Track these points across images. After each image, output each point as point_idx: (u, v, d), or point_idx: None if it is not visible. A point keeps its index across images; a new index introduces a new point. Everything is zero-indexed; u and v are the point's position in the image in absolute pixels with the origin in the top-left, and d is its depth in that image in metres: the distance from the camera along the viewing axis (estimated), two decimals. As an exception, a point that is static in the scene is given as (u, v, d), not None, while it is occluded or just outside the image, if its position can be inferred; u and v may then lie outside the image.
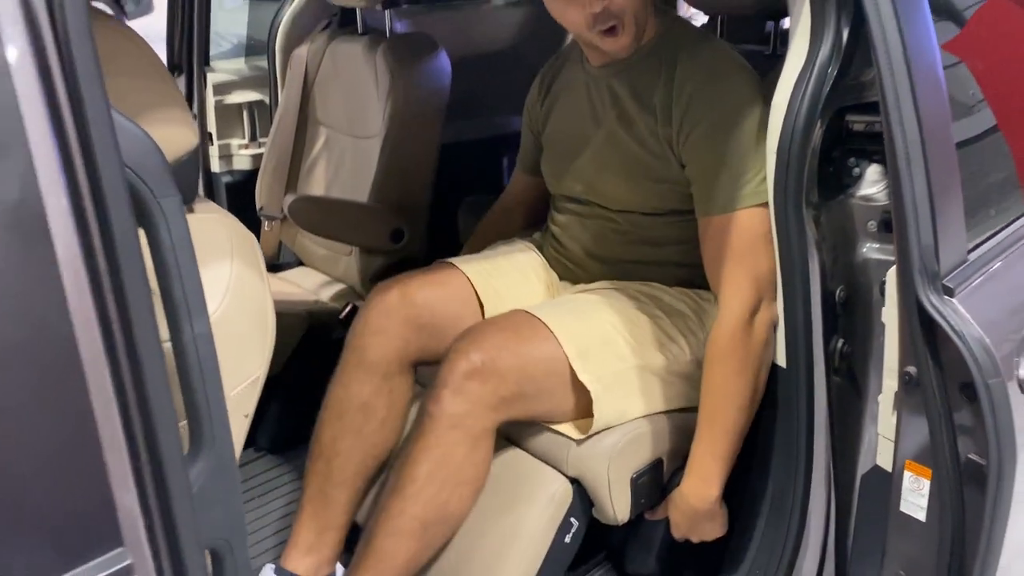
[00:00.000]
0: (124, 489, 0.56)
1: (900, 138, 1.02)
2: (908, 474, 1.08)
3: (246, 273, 0.83)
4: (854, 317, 1.26)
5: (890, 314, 1.08)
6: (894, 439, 1.10)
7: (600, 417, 1.34)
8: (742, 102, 1.31)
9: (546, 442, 1.41)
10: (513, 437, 1.45)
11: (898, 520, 1.10)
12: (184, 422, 0.72)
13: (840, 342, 1.27)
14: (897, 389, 1.08)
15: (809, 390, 1.26)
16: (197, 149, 0.87)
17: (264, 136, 2.42)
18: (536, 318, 1.37)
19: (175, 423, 0.63)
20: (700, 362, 1.38)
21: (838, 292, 1.25)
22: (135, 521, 0.57)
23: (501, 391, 1.31)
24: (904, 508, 1.09)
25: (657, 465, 1.41)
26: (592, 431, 1.36)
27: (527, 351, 1.33)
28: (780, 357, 1.29)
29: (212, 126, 2.38)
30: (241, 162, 2.44)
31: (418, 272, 1.54)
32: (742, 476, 1.40)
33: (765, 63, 1.43)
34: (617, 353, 1.38)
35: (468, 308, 1.52)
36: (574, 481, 1.39)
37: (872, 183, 1.23)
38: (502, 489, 1.39)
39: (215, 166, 2.40)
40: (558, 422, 1.40)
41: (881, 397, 1.14)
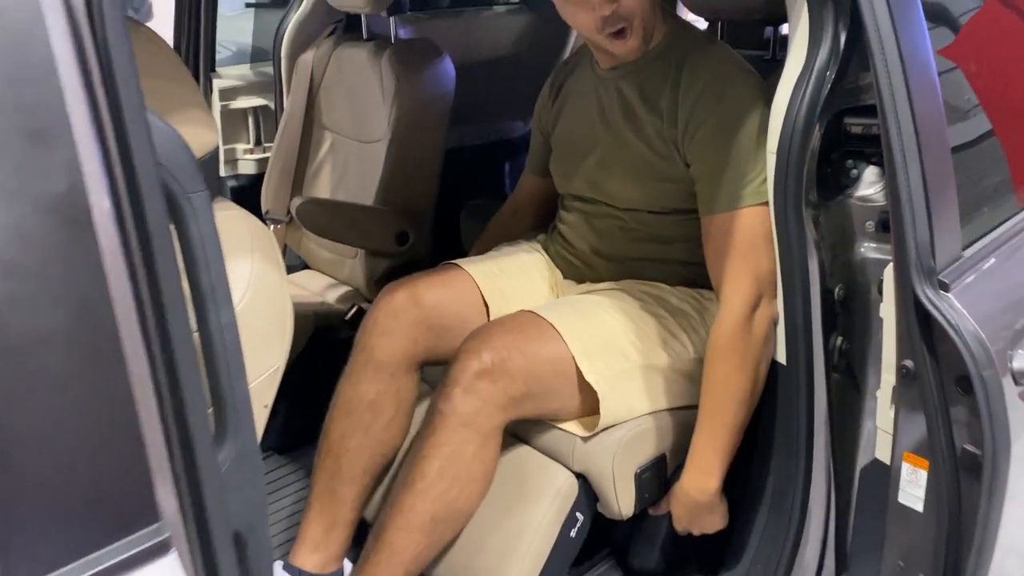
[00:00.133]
0: (161, 468, 0.59)
1: (896, 138, 1.05)
2: (906, 466, 1.11)
3: (266, 268, 0.86)
4: (853, 315, 1.29)
5: (888, 310, 1.11)
6: (892, 432, 1.13)
7: (606, 415, 1.37)
8: (745, 105, 1.34)
9: (552, 438, 1.43)
10: (520, 434, 1.48)
11: (897, 511, 1.13)
12: (209, 409, 0.74)
13: (839, 339, 1.29)
14: (895, 383, 1.11)
15: (809, 387, 1.28)
16: (217, 149, 0.90)
17: (269, 141, 2.45)
18: (543, 319, 1.40)
19: (205, 407, 0.66)
20: (702, 360, 1.41)
21: (837, 290, 1.28)
22: (171, 498, 0.60)
23: (510, 391, 1.33)
24: (902, 499, 1.12)
25: (661, 461, 1.44)
26: (598, 428, 1.38)
27: (535, 351, 1.36)
28: (780, 354, 1.32)
29: (217, 131, 2.40)
30: (246, 166, 2.46)
31: (425, 273, 1.57)
32: (743, 471, 1.43)
33: (764, 68, 1.46)
34: (622, 352, 1.41)
35: (474, 309, 1.55)
36: (579, 476, 1.41)
37: (869, 184, 1.26)
38: (509, 485, 1.41)
39: (220, 170, 2.43)
40: (564, 420, 1.42)
41: (879, 392, 1.17)
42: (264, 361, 0.86)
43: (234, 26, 2.83)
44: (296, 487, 1.84)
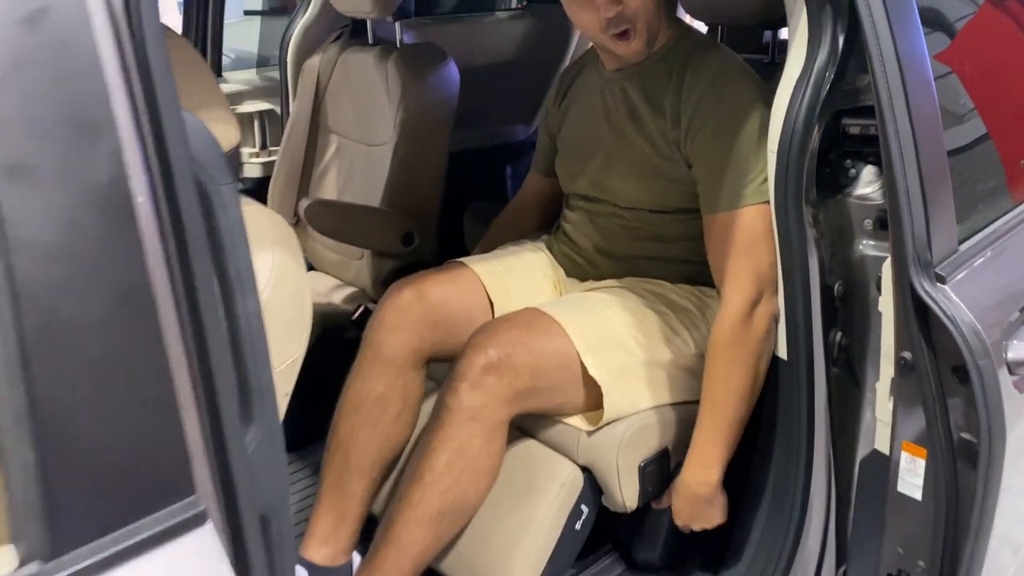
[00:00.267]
0: (196, 445, 0.62)
1: (894, 137, 1.08)
2: (905, 455, 1.14)
3: (287, 260, 0.88)
4: (852, 311, 1.32)
5: (886, 303, 1.15)
6: (891, 423, 1.16)
7: (610, 409, 1.40)
8: (746, 106, 1.37)
9: (557, 432, 1.46)
10: (525, 428, 1.50)
11: (896, 500, 1.16)
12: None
13: (839, 335, 1.32)
14: (893, 375, 1.14)
15: (810, 381, 1.31)
16: (239, 146, 0.93)
17: (274, 144, 2.48)
18: (548, 315, 1.42)
19: (234, 389, 0.69)
20: (704, 356, 1.43)
21: (836, 287, 1.31)
22: (205, 474, 0.62)
23: (516, 385, 1.36)
24: (901, 488, 1.15)
25: (664, 455, 1.46)
26: (602, 423, 1.41)
27: (540, 347, 1.38)
28: (781, 350, 1.35)
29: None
30: (252, 170, 2.49)
31: (431, 271, 1.60)
32: (745, 466, 1.45)
33: (764, 72, 1.48)
34: (625, 348, 1.43)
35: (479, 306, 1.58)
36: (584, 470, 1.44)
37: (867, 183, 1.29)
38: (515, 478, 1.44)
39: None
40: (569, 414, 1.45)
41: (878, 384, 1.20)
42: (285, 351, 0.89)
43: (233, 34, 2.85)
44: (304, 483, 1.86)
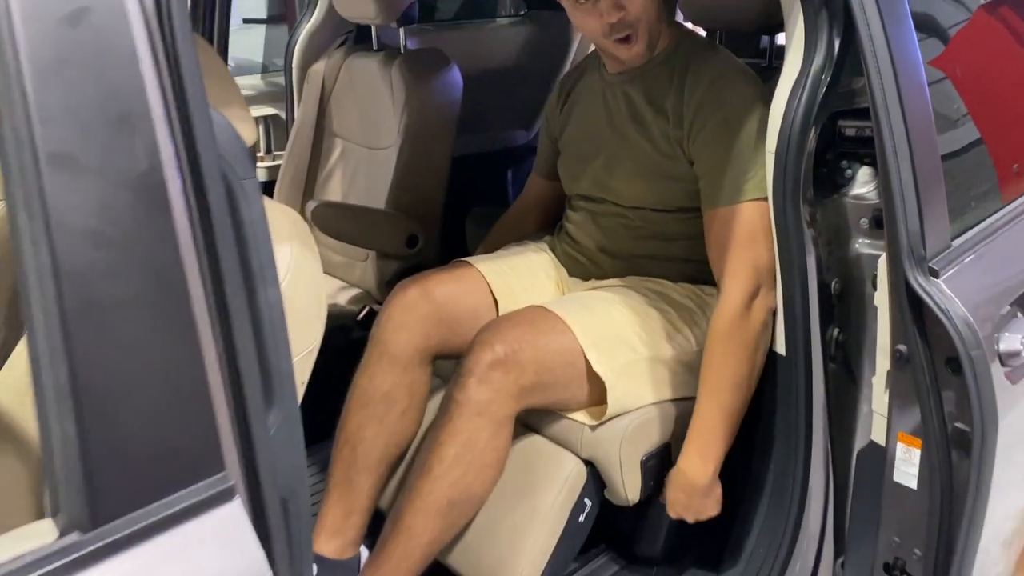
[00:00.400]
0: (225, 424, 0.65)
1: (889, 138, 1.11)
2: (900, 446, 1.17)
3: (304, 254, 0.92)
4: (848, 307, 1.35)
5: (882, 299, 1.18)
6: (887, 415, 1.19)
7: (613, 404, 1.43)
8: (745, 105, 1.41)
9: (561, 427, 1.49)
10: (530, 423, 1.53)
11: (892, 490, 1.19)
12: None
13: (836, 331, 1.36)
14: (889, 368, 1.17)
15: (808, 376, 1.34)
16: (257, 144, 0.96)
17: (279, 149, 2.50)
18: (553, 313, 1.46)
19: (258, 373, 0.72)
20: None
21: (833, 284, 1.34)
22: (233, 452, 0.66)
23: (522, 381, 1.39)
24: (897, 478, 1.18)
25: (665, 449, 1.50)
26: (605, 417, 1.44)
27: (545, 343, 1.42)
28: (780, 346, 1.38)
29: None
30: (257, 174, 2.52)
31: (437, 271, 1.63)
32: (745, 460, 1.48)
33: (762, 75, 1.52)
34: (628, 345, 1.47)
35: (484, 304, 1.61)
36: (588, 463, 1.47)
37: (863, 183, 1.33)
38: (520, 471, 1.47)
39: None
40: (573, 409, 1.48)
41: (874, 378, 1.23)
42: (302, 340, 0.92)
43: (232, 41, 2.86)
44: (313, 479, 1.88)
